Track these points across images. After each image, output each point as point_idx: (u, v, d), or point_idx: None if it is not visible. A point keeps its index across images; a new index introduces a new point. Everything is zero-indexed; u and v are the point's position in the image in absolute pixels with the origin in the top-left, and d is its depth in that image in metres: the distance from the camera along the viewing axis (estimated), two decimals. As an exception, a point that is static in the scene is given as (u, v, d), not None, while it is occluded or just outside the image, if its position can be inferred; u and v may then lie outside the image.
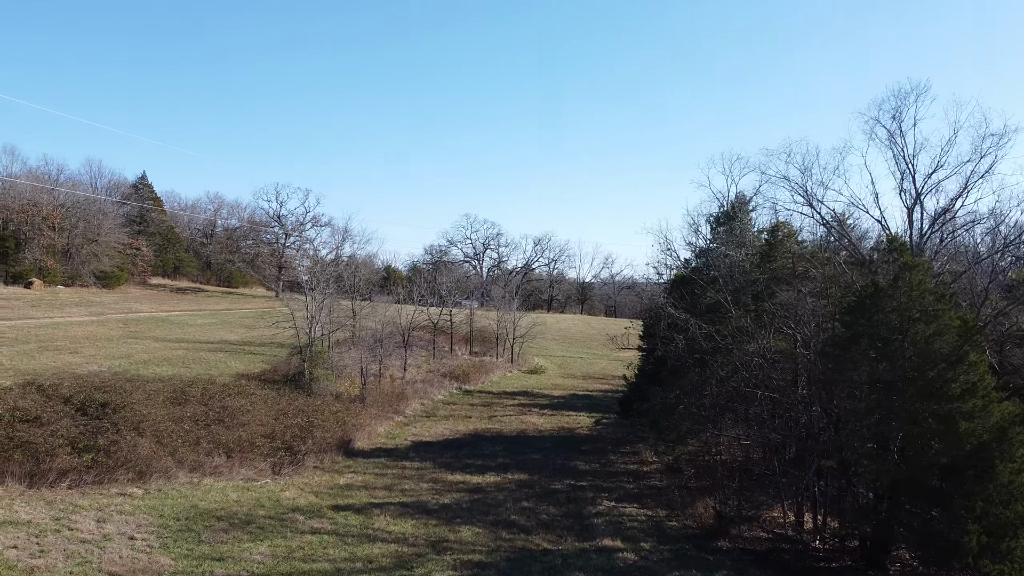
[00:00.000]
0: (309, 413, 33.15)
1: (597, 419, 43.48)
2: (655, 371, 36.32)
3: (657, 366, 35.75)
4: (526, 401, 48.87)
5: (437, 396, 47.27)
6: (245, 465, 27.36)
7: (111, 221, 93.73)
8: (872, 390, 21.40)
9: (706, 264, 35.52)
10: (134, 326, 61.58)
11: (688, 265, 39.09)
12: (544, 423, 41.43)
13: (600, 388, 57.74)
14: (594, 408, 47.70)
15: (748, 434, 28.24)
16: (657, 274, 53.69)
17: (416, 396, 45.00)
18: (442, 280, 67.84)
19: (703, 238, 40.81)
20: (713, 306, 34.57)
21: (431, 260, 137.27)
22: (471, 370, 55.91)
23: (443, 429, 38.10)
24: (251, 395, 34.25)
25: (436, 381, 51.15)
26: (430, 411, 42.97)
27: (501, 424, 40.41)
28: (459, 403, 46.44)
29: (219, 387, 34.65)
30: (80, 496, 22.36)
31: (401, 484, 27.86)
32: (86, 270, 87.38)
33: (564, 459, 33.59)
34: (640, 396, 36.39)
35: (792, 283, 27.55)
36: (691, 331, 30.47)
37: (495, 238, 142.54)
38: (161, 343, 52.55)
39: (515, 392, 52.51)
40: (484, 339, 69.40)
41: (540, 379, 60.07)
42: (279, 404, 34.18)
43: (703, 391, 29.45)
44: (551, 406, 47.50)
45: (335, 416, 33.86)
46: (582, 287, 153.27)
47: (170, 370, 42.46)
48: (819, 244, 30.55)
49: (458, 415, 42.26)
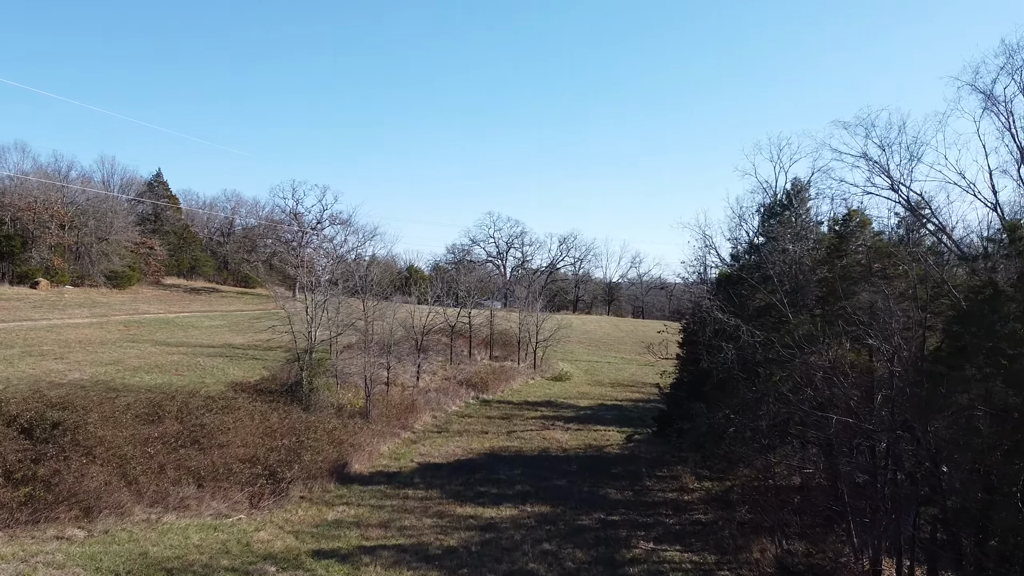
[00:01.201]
0: (301, 431, 29.06)
1: (629, 435, 38.83)
2: (696, 383, 31.67)
3: (699, 378, 31.11)
4: (549, 413, 44.43)
5: (451, 407, 43.03)
6: (218, 496, 23.31)
7: (122, 219, 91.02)
8: (993, 419, 16.67)
9: (757, 261, 30.80)
10: (135, 329, 58.30)
11: (736, 262, 34.44)
12: (569, 440, 36.97)
13: (630, 397, 53.08)
14: (625, 421, 43.10)
15: (815, 463, 23.56)
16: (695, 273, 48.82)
17: (428, 408, 40.80)
18: (462, 280, 63.64)
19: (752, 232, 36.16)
20: (764, 309, 29.88)
21: (453, 260, 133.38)
22: (490, 377, 51.61)
23: (455, 447, 33.82)
24: (237, 410, 30.28)
25: (451, 390, 46.94)
26: (442, 425, 38.72)
27: (521, 441, 36.03)
28: (475, 415, 42.13)
29: (202, 400, 30.75)
30: (5, 541, 18.42)
31: (401, 519, 23.62)
32: (96, 270, 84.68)
33: (592, 485, 29.14)
34: (680, 412, 31.74)
35: (869, 282, 22.80)
36: (743, 339, 25.83)
37: (519, 237, 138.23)
38: (159, 347, 49.10)
39: (537, 402, 48.08)
40: (505, 342, 65.06)
41: (565, 387, 55.55)
42: (269, 420, 30.18)
43: (758, 410, 24.76)
44: (577, 419, 43.00)
45: (330, 435, 29.74)
46: (609, 287, 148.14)
47: (160, 378, 38.88)
48: (899, 235, 25.71)
49: (473, 430, 37.95)
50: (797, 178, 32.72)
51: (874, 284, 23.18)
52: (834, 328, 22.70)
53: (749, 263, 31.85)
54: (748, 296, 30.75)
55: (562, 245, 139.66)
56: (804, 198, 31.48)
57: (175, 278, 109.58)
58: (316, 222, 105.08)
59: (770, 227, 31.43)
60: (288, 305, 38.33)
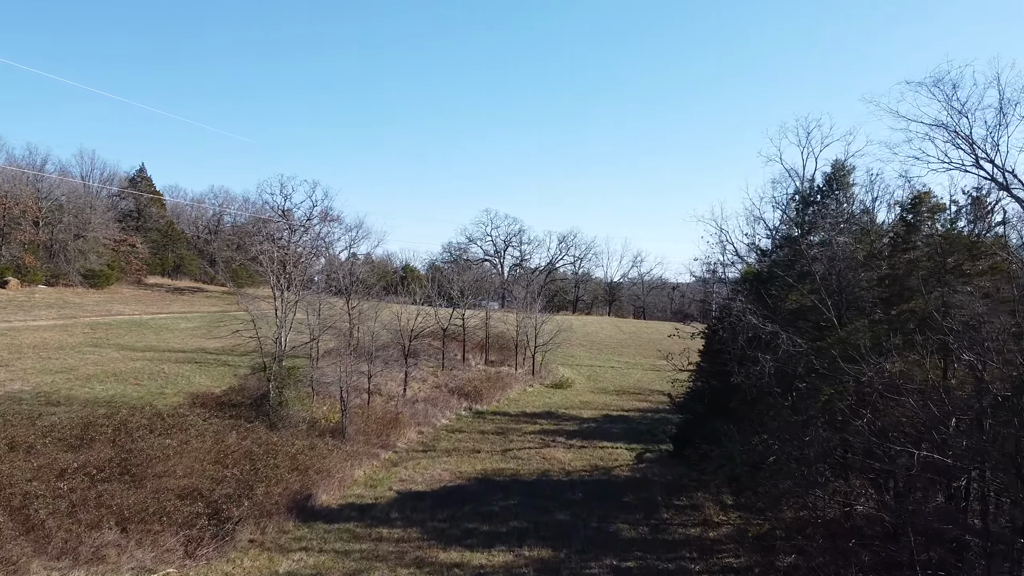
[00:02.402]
0: (258, 456, 24.70)
1: (639, 453, 34.55)
2: (720, 397, 27.34)
3: (724, 392, 26.79)
4: (549, 426, 40.04)
5: (441, 420, 38.64)
6: (145, 543, 18.91)
7: (101, 215, 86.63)
8: None
9: (790, 256, 26.47)
10: (103, 331, 53.89)
11: (765, 257, 30.14)
12: (573, 459, 32.59)
13: (637, 407, 48.73)
14: (633, 436, 38.78)
15: (878, 502, 19.23)
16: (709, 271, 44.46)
17: (414, 421, 36.42)
18: (454, 279, 59.22)
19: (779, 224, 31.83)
20: (800, 311, 25.61)
21: (450, 259, 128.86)
22: (485, 385, 47.22)
23: (442, 470, 29.43)
24: (186, 430, 25.93)
25: (442, 400, 42.57)
26: (429, 442, 34.32)
27: (518, 461, 31.65)
28: (467, 429, 37.72)
29: (147, 418, 26.41)
30: None
31: (371, 570, 19.28)
32: (72, 268, 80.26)
33: (601, 518, 24.79)
34: (702, 431, 27.44)
35: (942, 281, 18.51)
36: (782, 348, 21.51)
37: (517, 235, 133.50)
38: (123, 352, 44.76)
39: (536, 413, 43.71)
40: (502, 346, 60.66)
41: (566, 395, 51.15)
42: (224, 442, 25.83)
43: (803, 435, 20.43)
44: (580, 433, 38.63)
45: (294, 459, 25.36)
46: (610, 287, 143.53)
47: (113, 389, 34.62)
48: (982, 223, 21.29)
49: (464, 448, 33.55)
50: (839, 159, 28.42)
51: (947, 282, 18.92)
52: (905, 337, 18.39)
53: (781, 258, 27.50)
54: (780, 296, 26.46)
55: (561, 243, 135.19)
56: (847, 182, 27.17)
57: (159, 277, 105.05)
58: (307, 218, 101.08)
59: (807, 217, 27.13)
60: (253, 307, 33.92)
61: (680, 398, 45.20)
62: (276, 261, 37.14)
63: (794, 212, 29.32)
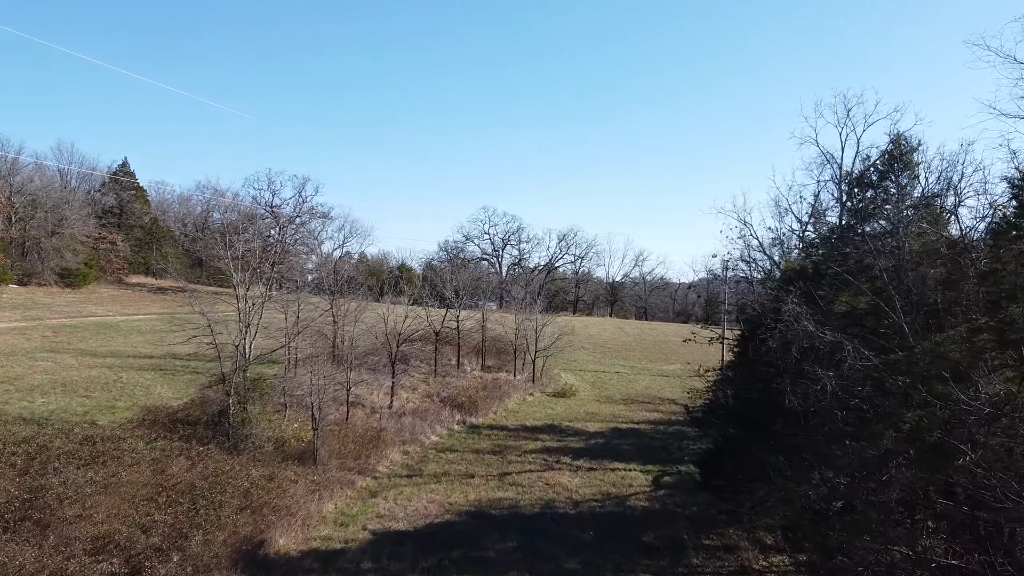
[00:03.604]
0: (202, 492, 20.32)
1: (656, 475, 30.23)
2: (759, 415, 22.95)
3: (762, 408, 22.42)
4: (553, 442, 35.66)
5: (430, 437, 34.21)
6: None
7: (77, 211, 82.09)
8: None
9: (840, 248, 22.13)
10: (66, 335, 49.52)
11: (813, 251, 25.78)
12: (580, 486, 28.20)
13: (647, 418, 44.34)
14: (647, 454, 34.41)
15: (984, 563, 14.92)
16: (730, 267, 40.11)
17: (399, 439, 32.02)
18: (448, 278, 54.84)
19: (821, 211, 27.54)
20: (855, 315, 21.34)
21: (446, 258, 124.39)
22: (480, 394, 42.82)
23: (428, 502, 25.02)
24: (120, 458, 21.57)
25: (432, 412, 38.18)
26: (416, 465, 29.89)
27: (517, 489, 27.25)
28: (460, 448, 33.30)
29: (75, 442, 22.05)
30: None
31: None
32: (46, 267, 75.89)
33: (618, 566, 20.46)
34: (736, 457, 23.16)
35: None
36: (847, 362, 17.18)
37: (516, 233, 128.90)
38: (82, 358, 40.44)
39: (538, 427, 39.33)
40: (500, 350, 56.22)
41: (570, 405, 46.71)
42: (166, 473, 21.47)
43: (880, 474, 16.08)
44: (588, 451, 34.24)
45: (246, 495, 20.97)
46: (612, 287, 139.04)
47: (56, 402, 30.33)
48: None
49: (455, 471, 29.14)
50: (900, 133, 23.97)
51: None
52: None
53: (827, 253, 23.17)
54: (828, 298, 22.15)
55: (561, 242, 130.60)
56: (910, 161, 22.79)
57: (142, 276, 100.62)
58: (295, 214, 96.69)
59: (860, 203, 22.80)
60: (204, 310, 29.58)
61: (698, 410, 40.85)
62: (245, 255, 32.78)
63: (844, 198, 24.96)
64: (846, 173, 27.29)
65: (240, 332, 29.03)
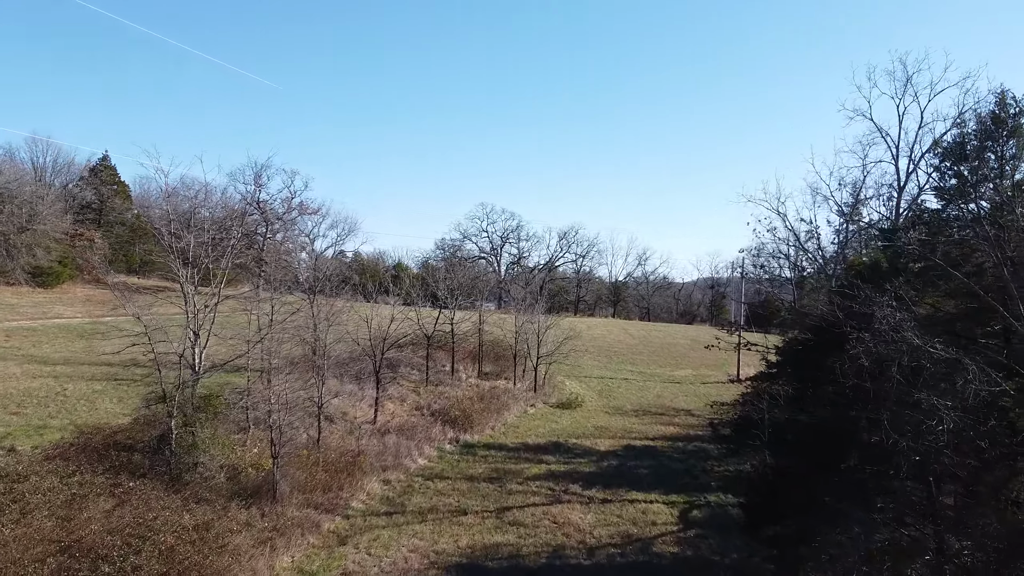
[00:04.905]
0: (109, 552, 15.61)
1: (683, 508, 25.56)
2: (823, 442, 18.24)
3: (831, 438, 17.72)
4: (559, 466, 30.92)
5: (417, 460, 29.47)
6: None
7: (50, 206, 77.37)
8: None
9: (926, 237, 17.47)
10: (19, 339, 44.88)
11: (894, 238, 21.10)
12: (595, 524, 23.47)
13: (663, 433, 39.63)
14: (669, 479, 29.72)
15: None
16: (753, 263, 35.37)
17: (380, 465, 27.30)
18: (441, 276, 50.14)
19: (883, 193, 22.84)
20: (936, 319, 16.69)
21: (443, 256, 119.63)
22: (476, 407, 38.08)
23: (409, 551, 20.25)
24: (15, 503, 16.87)
25: (421, 428, 33.48)
26: (397, 498, 25.12)
27: (519, 531, 22.52)
28: (451, 474, 28.55)
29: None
30: None
31: None
32: (16, 265, 71.24)
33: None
34: (788, 496, 18.50)
35: None
36: (972, 389, 12.55)
37: (515, 231, 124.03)
38: (29, 367, 35.93)
39: (541, 445, 34.61)
40: (498, 355, 51.52)
41: (576, 418, 41.92)
42: (73, 522, 16.79)
43: None
44: (600, 476, 29.51)
45: (169, 555, 16.22)
46: (615, 287, 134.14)
47: (-25, 421, 25.76)
48: None
49: (445, 507, 24.39)
50: (1005, 90, 19.11)
51: None
52: None
53: (900, 245, 18.53)
54: (910, 297, 17.47)
55: (562, 240, 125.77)
56: (1020, 127, 18.06)
57: (124, 276, 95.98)
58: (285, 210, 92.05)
59: (961, 180, 18.13)
60: (140, 314, 24.95)
61: (725, 426, 36.32)
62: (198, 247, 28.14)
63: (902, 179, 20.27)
64: (909, 149, 22.71)
65: (187, 340, 24.36)
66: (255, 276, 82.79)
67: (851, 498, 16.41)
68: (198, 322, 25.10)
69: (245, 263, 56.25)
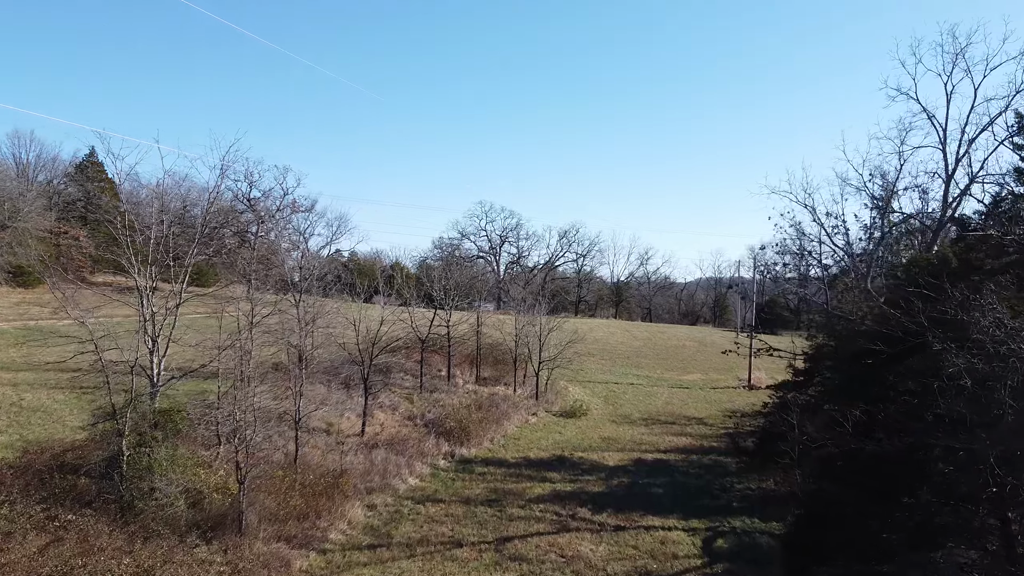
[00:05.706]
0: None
1: (705, 537, 22.65)
2: (883, 471, 15.31)
3: (891, 467, 14.81)
4: (565, 485, 27.99)
5: (407, 480, 26.52)
6: None
7: (31, 203, 74.36)
8: None
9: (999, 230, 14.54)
10: (-15, 342, 41.96)
11: (968, 233, 18.24)
12: (608, 558, 20.55)
13: (676, 444, 36.69)
14: (686, 499, 26.81)
15: None
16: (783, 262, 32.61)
17: (364, 486, 24.36)
18: (436, 276, 47.23)
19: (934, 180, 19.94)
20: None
21: (440, 256, 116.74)
22: (474, 416, 35.13)
23: (394, 596, 17.39)
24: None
25: (413, 442, 30.57)
26: (383, 527, 22.17)
27: (521, 567, 19.57)
28: (444, 496, 25.59)
29: None
30: None
31: None
32: (-6, 264, 68.42)
33: None
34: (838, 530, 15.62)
35: None
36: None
37: (514, 229, 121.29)
38: (-15, 374, 32.98)
39: (545, 460, 31.69)
40: (497, 359, 48.65)
41: (582, 428, 38.97)
42: None
43: None
44: (611, 497, 26.57)
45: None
46: (617, 287, 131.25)
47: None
48: None
49: (436, 538, 21.46)
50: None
51: None
52: None
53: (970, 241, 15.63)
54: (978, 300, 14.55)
55: (563, 239, 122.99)
56: None
57: (111, 276, 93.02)
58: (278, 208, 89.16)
59: None
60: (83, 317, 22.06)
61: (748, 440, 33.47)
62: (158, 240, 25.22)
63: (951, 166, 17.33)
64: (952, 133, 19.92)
65: (142, 346, 21.46)
66: (232, 272, 79.81)
67: (916, 540, 13.60)
68: (155, 326, 22.17)
69: (228, 261, 53.21)
